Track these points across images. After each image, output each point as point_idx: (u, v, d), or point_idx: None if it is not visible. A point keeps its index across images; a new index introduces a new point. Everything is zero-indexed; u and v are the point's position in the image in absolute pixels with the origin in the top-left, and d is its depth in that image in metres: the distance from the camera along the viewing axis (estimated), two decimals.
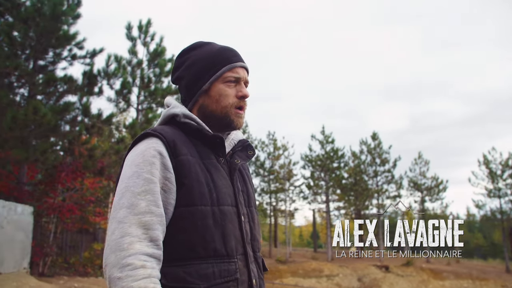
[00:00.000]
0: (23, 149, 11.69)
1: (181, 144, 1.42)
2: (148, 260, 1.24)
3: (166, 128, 1.48)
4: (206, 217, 1.37)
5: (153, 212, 1.30)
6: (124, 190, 1.32)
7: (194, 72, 1.56)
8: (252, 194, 1.64)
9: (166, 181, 1.36)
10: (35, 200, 13.38)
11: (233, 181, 1.52)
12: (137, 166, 1.35)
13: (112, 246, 1.24)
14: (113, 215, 1.31)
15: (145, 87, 14.65)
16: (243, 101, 1.57)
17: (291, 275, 24.82)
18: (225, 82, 1.54)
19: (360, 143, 32.66)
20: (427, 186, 32.06)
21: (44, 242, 13.55)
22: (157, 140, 1.40)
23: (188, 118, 1.51)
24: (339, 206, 34.04)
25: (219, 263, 1.36)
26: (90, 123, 13.04)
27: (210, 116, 1.54)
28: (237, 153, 1.61)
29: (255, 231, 1.57)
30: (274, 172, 32.66)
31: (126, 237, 1.24)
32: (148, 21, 15.21)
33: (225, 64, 1.54)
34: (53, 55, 13.24)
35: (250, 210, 1.57)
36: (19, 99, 13.21)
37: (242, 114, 1.57)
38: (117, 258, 1.21)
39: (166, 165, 1.37)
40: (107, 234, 1.29)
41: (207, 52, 1.58)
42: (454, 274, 25.94)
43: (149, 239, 1.27)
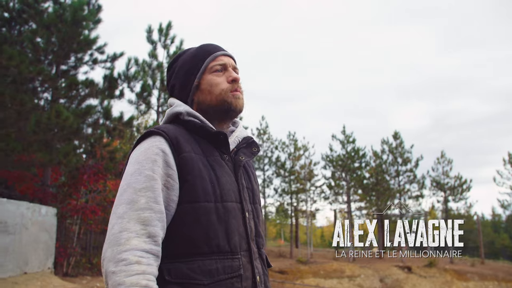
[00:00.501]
0: (47, 152, 11.98)
1: (184, 142, 1.44)
2: (144, 256, 1.25)
3: (170, 126, 1.50)
4: (210, 213, 1.38)
5: (153, 209, 1.31)
6: (126, 187, 1.35)
7: (182, 74, 1.61)
8: (257, 191, 1.65)
9: (169, 178, 1.38)
10: (58, 201, 13.65)
11: (237, 177, 1.53)
12: (139, 164, 1.37)
13: (110, 240, 1.26)
14: (113, 210, 1.33)
15: (165, 90, 14.81)
16: (235, 83, 1.58)
17: (312, 276, 24.72)
18: (212, 72, 1.57)
19: (382, 142, 32.34)
20: (450, 186, 31.52)
21: (68, 242, 13.83)
22: (160, 138, 1.42)
23: (192, 116, 1.54)
24: (360, 206, 33.76)
25: (223, 259, 1.37)
26: (112, 126, 13.27)
27: (209, 109, 1.57)
28: (242, 150, 1.62)
29: (260, 227, 1.58)
30: (294, 173, 32.56)
31: (124, 232, 1.26)
32: (168, 24, 15.39)
33: (207, 56, 1.59)
34: (75, 59, 13.52)
35: (254, 207, 1.58)
36: (43, 103, 13.54)
37: (239, 95, 1.59)
38: (113, 253, 1.23)
39: (169, 162, 1.39)
40: (108, 228, 1.32)
41: (189, 53, 1.64)
42: (479, 275, 25.47)
43: (147, 235, 1.28)
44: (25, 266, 10.36)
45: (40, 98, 13.72)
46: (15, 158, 12.40)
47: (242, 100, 1.60)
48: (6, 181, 14.53)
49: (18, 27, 13.90)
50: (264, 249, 1.61)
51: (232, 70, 1.60)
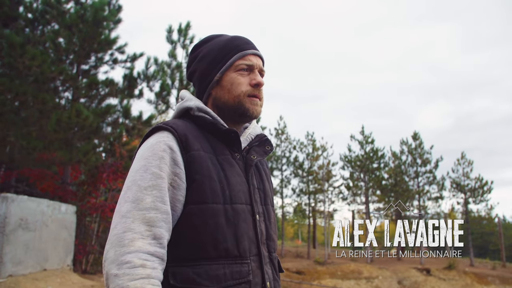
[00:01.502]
0: (67, 150, 12.14)
1: (193, 139, 1.37)
2: (149, 259, 1.18)
3: (179, 121, 1.43)
4: (218, 216, 1.32)
5: (159, 209, 1.25)
6: (131, 184, 1.28)
7: (206, 64, 1.52)
8: (269, 192, 1.58)
9: (175, 177, 1.31)
10: (78, 199, 13.82)
11: (248, 178, 1.46)
12: (145, 160, 1.31)
13: (113, 241, 1.19)
14: (117, 208, 1.27)
15: (184, 89, 14.90)
16: (257, 89, 1.50)
17: (330, 277, 24.60)
18: (237, 71, 1.49)
19: (401, 143, 32.00)
20: (471, 188, 31.01)
21: (87, 240, 13.99)
22: (168, 134, 1.36)
23: (202, 111, 1.47)
24: (379, 207, 33.47)
25: (231, 264, 1.31)
26: (131, 125, 13.39)
27: (224, 108, 1.50)
28: (254, 149, 1.55)
29: (271, 230, 1.50)
30: (313, 173, 32.44)
31: (128, 232, 1.19)
32: (187, 24, 15.44)
33: (236, 52, 1.50)
34: (95, 59, 13.69)
35: (266, 209, 1.51)
36: (64, 103, 13.72)
37: (257, 101, 1.51)
38: (116, 254, 1.16)
39: (176, 160, 1.32)
40: (110, 228, 1.25)
41: (218, 42, 1.55)
42: (500, 279, 25.01)
43: (153, 236, 1.21)
44: (45, 262, 10.51)
45: (61, 97, 13.92)
46: (36, 157, 12.59)
47: (260, 107, 1.53)
48: (28, 179, 14.80)
49: (41, 27, 14.12)
50: (276, 253, 1.55)
51: (257, 73, 1.52)
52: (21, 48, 11.01)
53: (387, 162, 32.25)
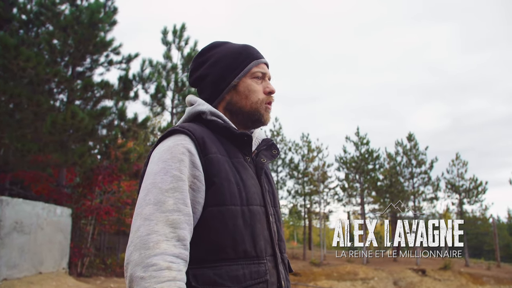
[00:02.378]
0: (62, 152, 12.08)
1: (210, 142, 1.39)
2: (174, 261, 1.19)
3: (194, 125, 1.45)
4: (236, 217, 1.34)
5: (181, 211, 1.26)
6: (151, 186, 1.28)
7: (221, 68, 1.54)
8: (276, 194, 1.61)
9: (195, 180, 1.32)
10: (73, 202, 13.76)
11: (260, 180, 1.50)
12: (164, 163, 1.31)
13: (136, 243, 1.19)
14: (138, 211, 1.26)
15: (179, 91, 14.87)
16: (271, 96, 1.56)
17: (326, 278, 24.61)
18: (253, 78, 1.54)
19: (396, 144, 32.08)
20: (465, 188, 31.14)
21: (82, 243, 13.93)
22: (185, 137, 1.37)
23: (215, 115, 1.49)
24: (374, 208, 33.54)
25: (249, 265, 1.33)
26: (126, 127, 13.34)
27: (239, 113, 1.53)
28: (262, 152, 1.58)
29: (281, 231, 1.54)
30: (308, 174, 32.47)
31: (153, 235, 1.19)
32: (182, 26, 15.43)
33: (252, 60, 1.54)
34: (91, 61, 13.65)
35: (276, 210, 1.55)
36: (59, 105, 13.66)
37: (270, 109, 1.57)
38: (141, 257, 1.16)
39: (195, 163, 1.34)
40: (131, 230, 1.24)
41: (231, 49, 1.57)
42: (495, 279, 25.12)
43: (177, 238, 1.22)
44: (40, 266, 10.45)
45: (56, 99, 13.87)
46: (31, 159, 12.50)
47: (270, 113, 1.58)
48: (22, 181, 14.72)
49: (35, 29, 14.07)
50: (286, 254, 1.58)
51: (268, 81, 1.59)
52: (15, 49, 10.95)
53: (382, 163, 32.34)
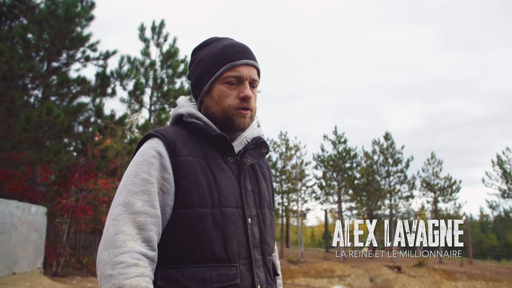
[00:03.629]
0: (37, 150, 11.79)
1: (182, 145, 1.40)
2: (141, 258, 1.23)
3: (169, 128, 1.47)
4: (205, 220, 1.34)
5: (148, 213, 1.29)
6: (122, 188, 1.33)
7: (199, 71, 1.53)
8: (266, 195, 1.57)
9: (165, 182, 1.35)
10: (48, 200, 13.48)
11: (240, 181, 1.46)
12: (136, 166, 1.36)
13: (106, 243, 1.23)
14: (110, 212, 1.31)
15: (158, 88, 14.68)
16: (245, 102, 1.48)
17: (303, 276, 24.77)
18: (225, 83, 1.47)
19: (373, 143, 32.47)
20: (440, 187, 31.75)
21: (58, 242, 13.65)
22: (157, 141, 1.39)
23: (194, 117, 1.49)
24: (351, 207, 33.88)
25: (218, 267, 1.33)
26: (103, 124, 13.11)
27: (212, 117, 1.50)
28: (249, 152, 1.55)
29: (266, 233, 1.50)
30: (286, 172, 32.60)
31: (120, 234, 1.23)
32: (161, 22, 15.24)
33: (224, 64, 1.47)
34: (67, 56, 13.34)
35: (261, 212, 1.50)
36: (33, 101, 13.34)
37: (245, 114, 1.49)
38: (110, 256, 1.20)
39: (165, 165, 1.36)
40: (103, 230, 1.29)
41: (212, 50, 1.52)
42: (467, 275, 25.67)
43: (143, 239, 1.26)
44: (14, 266, 10.20)
45: (30, 95, 13.53)
46: (4, 156, 12.20)
47: (248, 119, 1.51)
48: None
49: (8, 22, 13.70)
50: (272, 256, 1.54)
51: (247, 85, 1.48)
52: None
53: (360, 161, 32.69)
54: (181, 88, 14.85)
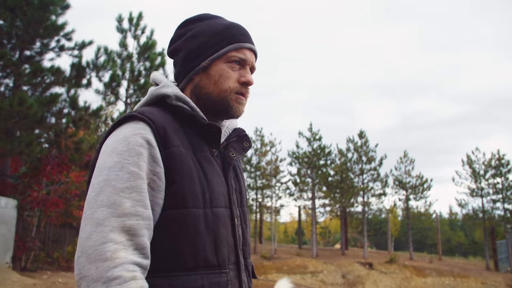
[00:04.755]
0: (8, 140, 11.42)
1: (173, 133, 1.22)
2: (136, 270, 1.05)
3: (155, 111, 1.26)
4: (198, 221, 1.19)
5: (140, 215, 1.09)
6: (103, 184, 1.10)
7: (195, 46, 1.36)
8: (244, 192, 1.45)
9: (154, 177, 1.16)
10: (18, 193, 13.09)
11: (227, 178, 1.34)
12: (120, 156, 1.13)
13: (90, 254, 1.02)
14: (88, 214, 1.08)
15: (135, 81, 14.43)
16: (245, 87, 1.37)
17: (276, 271, 24.82)
18: (228, 62, 1.35)
19: (347, 141, 32.74)
20: (412, 185, 32.29)
21: (27, 236, 13.29)
22: (144, 126, 1.19)
23: (181, 101, 1.31)
24: (324, 203, 34.14)
25: (209, 275, 1.19)
26: (78, 116, 12.79)
27: (205, 99, 1.35)
28: (232, 145, 1.42)
29: (247, 234, 1.41)
30: (260, 168, 32.61)
31: (108, 243, 1.03)
32: (139, 14, 14.99)
33: (231, 42, 1.35)
34: (40, 45, 12.98)
35: (242, 210, 1.40)
36: (4, 90, 12.92)
37: (243, 100, 1.38)
38: (99, 270, 1.00)
39: (155, 157, 1.16)
40: (80, 236, 1.07)
41: (214, 25, 1.38)
42: (436, 271, 26.22)
43: (135, 246, 1.07)
44: None
45: (0, 84, 13.09)
46: None
47: (244, 106, 1.40)
48: None
49: None
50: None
51: (248, 70, 1.39)
52: None
53: (334, 159, 32.92)
54: None
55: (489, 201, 30.27)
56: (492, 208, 30.18)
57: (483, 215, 30.16)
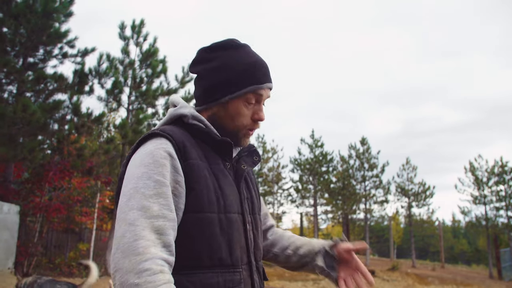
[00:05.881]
0: (11, 146, 11.51)
1: (191, 147, 1.37)
2: (164, 265, 1.17)
3: (174, 128, 1.41)
4: (213, 225, 1.32)
5: (166, 217, 1.23)
6: (133, 192, 1.24)
7: (217, 80, 1.45)
8: (256, 201, 1.59)
9: (177, 185, 1.30)
10: (21, 199, 13.18)
11: (239, 187, 1.47)
12: (146, 167, 1.27)
13: (124, 249, 1.15)
14: (121, 216, 1.22)
15: (137, 88, 14.52)
16: (257, 123, 1.50)
17: (277, 278, 24.75)
18: (245, 101, 1.46)
19: (349, 147, 32.77)
20: (414, 192, 32.25)
21: (29, 241, 13.35)
22: (166, 141, 1.33)
23: (197, 119, 1.45)
24: (326, 210, 34.11)
25: (224, 273, 1.32)
26: (80, 122, 12.89)
27: (219, 128, 1.47)
28: (243, 158, 1.55)
29: (259, 239, 1.53)
30: (262, 175, 32.65)
31: (140, 240, 1.16)
32: (141, 21, 15.10)
33: (251, 83, 1.44)
34: (44, 52, 13.10)
35: (254, 218, 1.52)
36: (7, 96, 13.04)
37: (251, 135, 1.52)
38: (132, 263, 1.13)
39: (177, 167, 1.31)
40: (115, 236, 1.21)
41: (237, 61, 1.47)
42: (439, 279, 26.11)
43: (163, 244, 1.20)
44: None
45: (4, 91, 13.21)
46: None
47: (249, 138, 1.54)
48: None
49: None
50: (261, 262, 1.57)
51: (262, 107, 1.50)
52: None
53: (336, 166, 32.92)
54: (160, 87, 14.74)
55: (492, 209, 30.18)
56: (495, 215, 30.08)
57: (486, 222, 30.07)
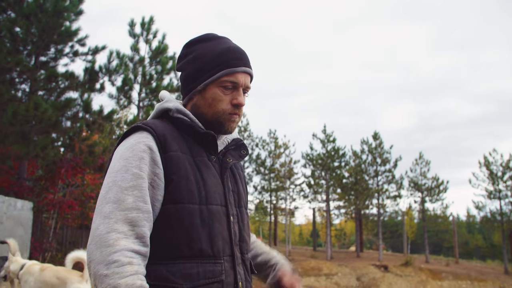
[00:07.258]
0: (24, 144, 11.71)
1: (172, 140, 1.39)
2: (134, 256, 1.21)
3: (158, 122, 1.44)
4: (193, 216, 1.34)
5: (140, 209, 1.27)
6: (111, 184, 1.29)
7: (193, 69, 1.50)
8: (243, 195, 1.61)
9: (155, 177, 1.33)
10: (35, 195, 13.37)
11: (223, 180, 1.49)
12: (125, 160, 1.32)
13: (97, 241, 1.20)
14: (98, 209, 1.27)
15: (147, 84, 14.64)
16: (237, 108, 1.50)
17: None
18: (221, 87, 1.47)
19: (361, 142, 32.60)
20: (428, 187, 31.98)
21: (44, 237, 13.57)
22: (147, 134, 1.37)
23: (181, 113, 1.48)
24: (339, 205, 34.02)
25: (205, 264, 1.34)
26: (91, 120, 13.05)
27: (201, 117, 1.50)
28: (230, 152, 1.57)
29: (244, 232, 1.53)
30: (274, 171, 32.63)
31: (112, 233, 1.20)
32: (150, 19, 15.19)
33: (224, 68, 1.46)
34: (55, 51, 13.27)
35: (240, 211, 1.54)
36: (20, 95, 13.23)
37: (235, 119, 1.52)
38: (102, 255, 1.18)
39: (156, 160, 1.34)
40: (92, 228, 1.25)
41: (211, 49, 1.50)
42: (453, 275, 25.92)
43: (135, 236, 1.24)
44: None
45: (17, 89, 13.41)
46: None
47: (236, 123, 1.55)
48: None
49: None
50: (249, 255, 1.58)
51: (241, 92, 1.51)
52: None
53: (348, 161, 32.78)
54: (169, 84, 14.84)
55: (507, 204, 29.82)
56: (510, 210, 29.72)
57: (501, 217, 29.73)
